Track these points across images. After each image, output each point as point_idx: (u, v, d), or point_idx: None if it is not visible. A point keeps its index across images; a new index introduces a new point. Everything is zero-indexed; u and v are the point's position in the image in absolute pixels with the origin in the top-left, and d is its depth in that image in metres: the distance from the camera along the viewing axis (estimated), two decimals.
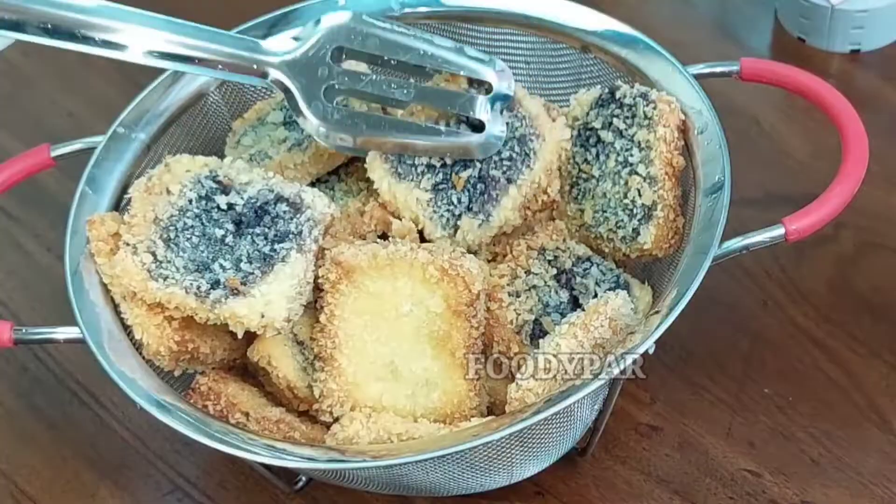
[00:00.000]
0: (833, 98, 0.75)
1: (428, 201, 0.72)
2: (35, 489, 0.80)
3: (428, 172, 0.72)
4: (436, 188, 0.72)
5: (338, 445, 0.68)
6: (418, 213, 0.72)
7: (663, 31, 0.82)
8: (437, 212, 0.72)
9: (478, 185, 0.72)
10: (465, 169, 0.72)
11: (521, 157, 0.73)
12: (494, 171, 0.72)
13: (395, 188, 0.73)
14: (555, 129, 0.74)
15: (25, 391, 0.85)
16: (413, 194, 0.72)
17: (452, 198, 0.72)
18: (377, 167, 0.73)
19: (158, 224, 0.70)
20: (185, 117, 0.83)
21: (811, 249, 0.85)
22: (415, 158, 0.73)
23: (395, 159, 0.73)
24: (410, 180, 0.73)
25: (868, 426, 0.77)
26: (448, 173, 0.72)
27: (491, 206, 0.72)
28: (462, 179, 0.72)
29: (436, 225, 0.72)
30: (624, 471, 0.77)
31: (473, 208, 0.72)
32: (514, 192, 0.72)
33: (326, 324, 0.70)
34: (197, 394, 0.71)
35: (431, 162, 0.73)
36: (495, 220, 0.72)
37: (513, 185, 0.72)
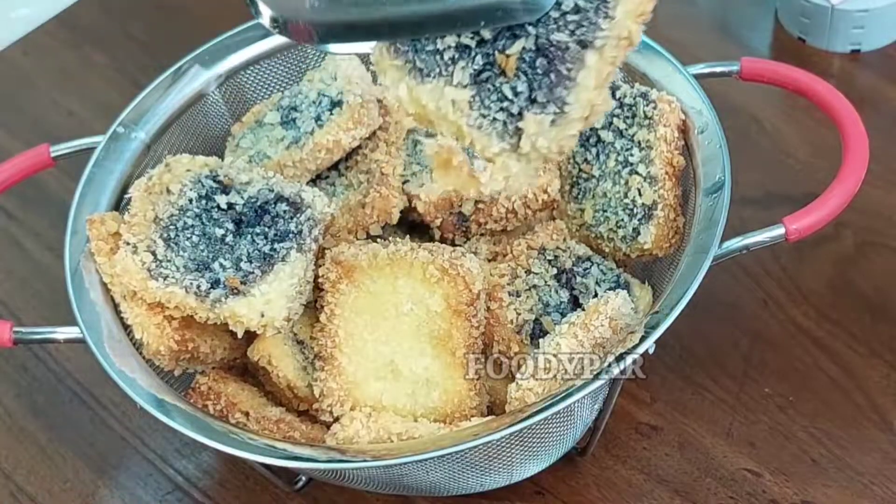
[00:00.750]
0: (833, 98, 0.75)
1: (470, 101, 0.51)
2: (35, 488, 0.80)
3: (461, 58, 0.50)
4: (477, 79, 0.51)
5: (338, 445, 0.68)
6: (459, 122, 0.51)
7: (663, 30, 0.82)
8: (486, 115, 0.51)
9: (537, 61, 0.50)
10: (514, 41, 0.50)
11: (594, 3, 0.50)
12: (557, 34, 0.50)
13: (419, 92, 0.51)
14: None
15: (25, 390, 0.85)
16: (446, 95, 0.51)
17: (504, 89, 0.50)
18: (387, 65, 0.52)
19: (158, 223, 0.70)
20: (185, 117, 0.83)
21: (811, 249, 0.85)
22: (437, 41, 0.50)
23: (409, 49, 0.51)
24: (438, 75, 0.51)
25: (868, 426, 0.77)
26: (490, 53, 0.50)
27: (563, 90, 0.50)
28: (512, 58, 0.50)
29: (489, 134, 0.50)
30: (624, 470, 0.77)
31: (538, 98, 0.50)
32: (595, 60, 0.50)
33: (326, 323, 0.70)
34: (197, 393, 0.71)
35: (462, 41, 0.50)
36: (574, 108, 0.50)
37: (590, 49, 0.50)
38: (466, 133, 0.51)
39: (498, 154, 0.51)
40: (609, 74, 0.50)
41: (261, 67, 0.85)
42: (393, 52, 0.51)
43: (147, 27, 1.08)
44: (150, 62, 0.80)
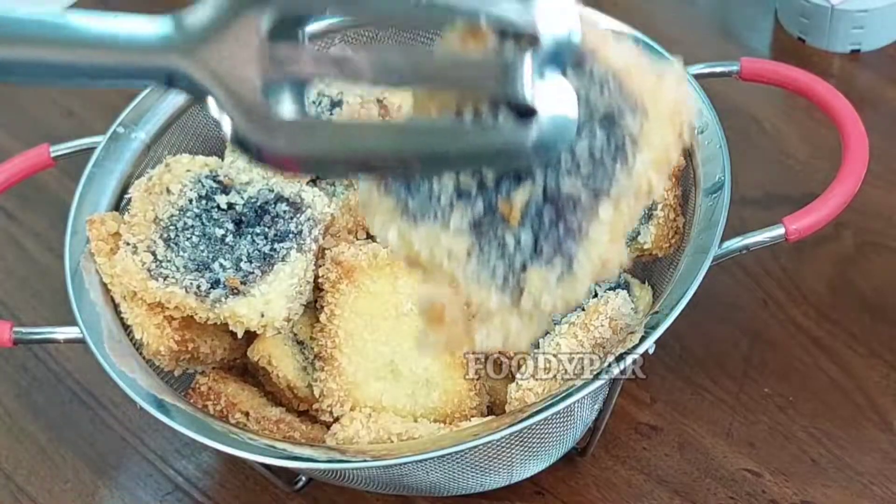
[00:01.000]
0: (833, 98, 0.75)
1: (468, 251, 0.44)
2: (35, 488, 0.80)
3: (459, 202, 0.43)
4: (476, 227, 0.43)
5: (338, 445, 0.68)
6: (455, 272, 0.44)
7: (663, 30, 0.82)
8: (484, 266, 0.44)
9: (545, 211, 0.43)
10: (519, 186, 0.43)
11: (611, 149, 0.43)
12: (568, 181, 0.43)
13: (412, 237, 0.44)
14: (665, 86, 0.43)
15: (25, 391, 0.85)
16: (441, 244, 0.44)
17: (507, 239, 0.43)
18: (375, 206, 0.45)
19: (158, 224, 0.70)
20: (185, 117, 0.83)
21: (811, 249, 0.85)
22: (433, 182, 0.43)
23: (402, 189, 0.44)
24: (433, 220, 0.44)
25: (868, 426, 0.77)
26: (492, 199, 0.43)
27: (572, 244, 0.43)
28: (517, 206, 0.43)
29: (487, 288, 0.44)
30: (624, 471, 0.77)
31: (544, 252, 0.43)
32: (609, 213, 0.43)
33: (326, 323, 0.70)
34: (197, 393, 0.71)
35: (461, 184, 0.43)
36: (584, 265, 0.43)
37: (604, 200, 0.43)
38: (462, 282, 0.44)
39: (496, 310, 0.44)
40: (625, 227, 0.43)
41: None
42: (383, 192, 0.44)
43: None
44: None
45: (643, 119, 0.42)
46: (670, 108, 0.43)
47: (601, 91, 0.42)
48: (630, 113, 0.42)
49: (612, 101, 0.42)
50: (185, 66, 0.42)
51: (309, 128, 0.42)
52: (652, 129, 0.42)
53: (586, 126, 0.42)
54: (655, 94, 0.42)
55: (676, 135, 0.43)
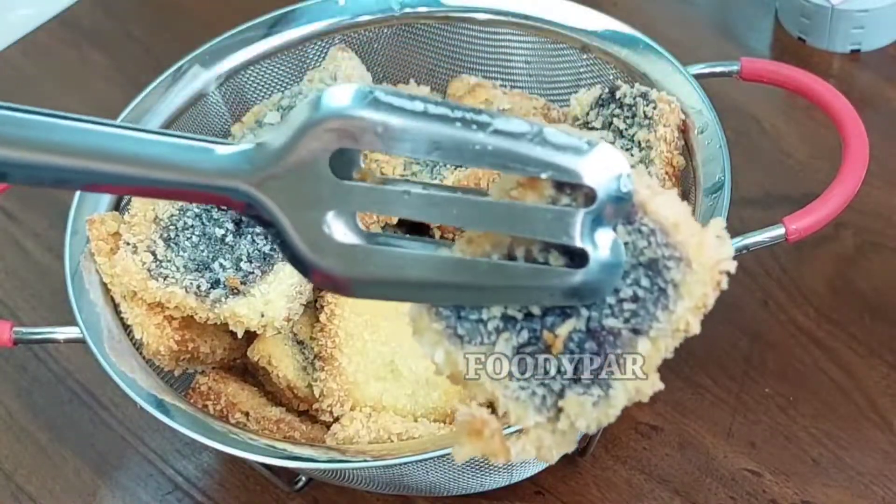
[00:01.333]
0: (833, 98, 0.75)
1: (510, 374, 0.47)
2: (35, 488, 0.80)
3: (505, 329, 0.47)
4: (520, 352, 0.47)
5: (338, 445, 0.68)
6: (496, 391, 0.47)
7: (663, 30, 0.82)
8: (524, 388, 0.47)
9: (586, 344, 0.47)
10: (564, 321, 0.46)
11: (654, 294, 0.46)
12: (611, 319, 0.46)
13: (457, 357, 0.47)
14: (707, 243, 0.47)
15: (25, 391, 0.85)
16: (485, 365, 0.48)
17: (547, 366, 0.47)
18: (425, 327, 0.48)
19: (158, 223, 0.70)
20: (185, 117, 0.83)
21: (812, 249, 0.85)
22: (482, 310, 0.47)
23: (451, 314, 0.47)
24: (479, 344, 0.47)
25: (869, 426, 0.77)
26: (537, 329, 0.47)
27: (609, 374, 0.47)
28: (560, 338, 0.46)
29: (526, 408, 0.47)
30: (624, 470, 0.77)
31: (582, 379, 0.47)
32: (647, 348, 0.46)
33: (326, 323, 0.70)
34: (197, 393, 0.71)
35: (509, 312, 0.46)
36: (619, 393, 0.47)
37: (643, 337, 0.46)
38: (502, 403, 0.47)
39: (533, 427, 0.47)
40: (660, 361, 0.47)
41: (261, 67, 0.85)
42: (434, 315, 0.47)
43: (147, 27, 1.08)
44: (150, 62, 0.80)
45: (687, 270, 0.46)
46: (712, 263, 0.46)
47: (648, 242, 0.46)
48: (675, 263, 0.46)
49: (658, 252, 0.46)
50: (255, 193, 0.44)
51: (365, 253, 0.44)
52: (694, 280, 0.46)
53: (632, 271, 0.46)
54: (699, 248, 0.46)
55: (715, 284, 0.46)
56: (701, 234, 0.46)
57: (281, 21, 0.84)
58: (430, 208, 0.44)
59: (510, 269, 0.45)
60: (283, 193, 0.44)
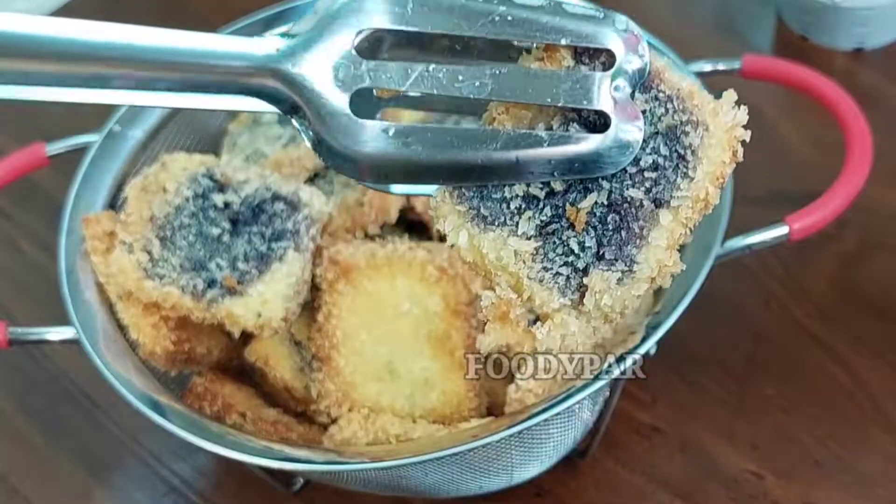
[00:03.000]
0: (836, 96, 0.75)
1: (533, 254, 0.47)
2: (30, 490, 0.79)
3: (528, 208, 0.47)
4: (543, 231, 0.47)
5: (335, 447, 0.67)
6: (520, 273, 0.47)
7: (665, 28, 0.81)
8: (548, 268, 0.47)
9: (608, 217, 0.46)
10: (586, 195, 0.46)
11: (673, 161, 0.47)
12: (632, 190, 0.46)
13: (481, 240, 0.47)
14: (722, 109, 0.48)
15: (20, 391, 0.84)
16: (508, 246, 0.47)
17: (571, 243, 0.46)
18: (448, 210, 0.47)
19: (154, 222, 0.70)
20: (182, 115, 0.82)
21: (814, 248, 0.84)
22: (504, 189, 0.47)
23: (474, 195, 0.47)
24: (502, 224, 0.47)
25: (872, 428, 0.76)
26: (559, 205, 0.47)
27: (633, 248, 0.47)
28: (583, 212, 0.46)
29: (550, 289, 0.47)
30: (625, 473, 0.76)
31: (606, 255, 0.46)
32: (669, 220, 0.47)
33: (324, 323, 0.70)
34: (193, 395, 0.71)
35: (531, 191, 0.47)
36: (643, 268, 0.47)
37: (665, 208, 0.47)
38: (526, 286, 0.47)
39: (558, 310, 0.47)
40: (682, 236, 0.47)
41: None
42: (457, 198, 0.47)
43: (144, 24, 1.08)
44: None
45: (704, 134, 0.47)
46: (728, 126, 0.47)
47: (665, 109, 0.46)
48: (692, 128, 0.46)
49: (676, 118, 0.46)
50: (284, 74, 0.45)
51: (395, 130, 0.45)
52: (711, 144, 0.47)
53: (651, 140, 0.46)
54: (715, 112, 0.47)
55: (731, 152, 0.47)
56: (716, 102, 0.47)
57: (278, 18, 0.83)
58: (454, 82, 0.45)
59: (534, 137, 0.45)
60: (311, 75, 0.45)
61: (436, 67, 0.45)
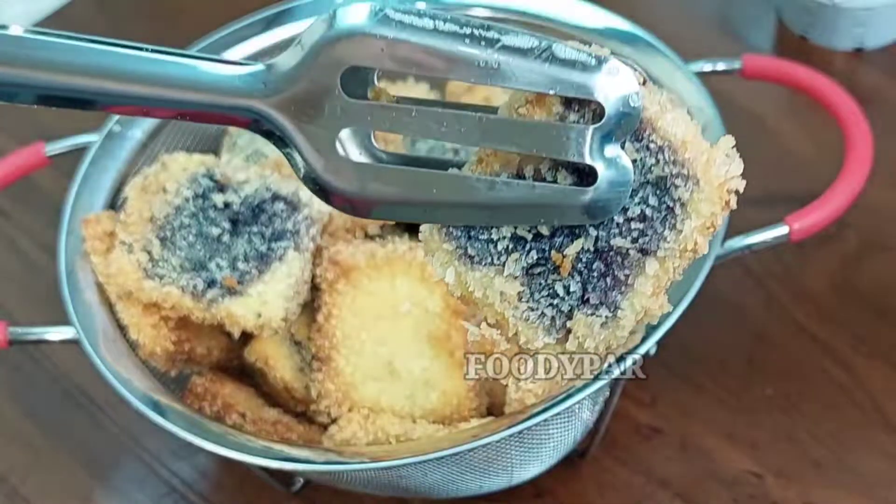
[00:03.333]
0: (836, 96, 0.75)
1: (519, 294, 0.47)
2: (30, 491, 0.79)
3: (514, 250, 0.47)
4: (529, 273, 0.47)
5: (335, 447, 0.67)
6: (506, 313, 0.48)
7: (665, 28, 0.81)
8: (534, 309, 0.48)
9: (594, 264, 0.47)
10: (572, 241, 0.46)
11: (661, 213, 0.46)
12: (619, 239, 0.46)
13: (468, 277, 0.48)
14: (714, 160, 0.47)
15: (20, 392, 0.84)
16: (495, 285, 0.47)
17: (556, 286, 0.47)
18: (436, 247, 0.48)
19: (154, 223, 0.70)
20: None
21: (814, 249, 0.84)
22: (492, 230, 0.47)
23: (462, 234, 0.48)
24: (489, 264, 0.47)
25: (872, 428, 0.76)
26: (545, 249, 0.47)
27: (618, 294, 0.47)
28: (569, 258, 0.46)
29: (535, 329, 0.48)
30: (625, 473, 0.76)
31: (591, 300, 0.47)
32: (655, 269, 0.47)
33: (324, 323, 0.70)
34: (193, 395, 0.71)
35: (518, 233, 0.47)
36: (627, 314, 0.47)
37: (650, 257, 0.46)
38: (511, 325, 0.48)
39: (542, 349, 0.48)
40: (668, 282, 0.47)
41: None
42: (445, 236, 0.48)
43: (142, 24, 1.08)
44: None
45: (695, 188, 0.46)
46: (720, 180, 0.46)
47: (656, 160, 0.45)
48: (682, 181, 0.46)
49: (666, 170, 0.46)
50: (269, 112, 0.45)
51: (380, 172, 0.46)
52: (702, 198, 0.46)
53: (640, 189, 0.46)
54: (708, 166, 0.46)
55: (724, 203, 0.47)
56: (710, 152, 0.46)
57: (277, 18, 0.83)
58: (438, 126, 0.45)
59: (521, 186, 0.45)
60: (297, 112, 0.45)
61: (420, 111, 0.45)
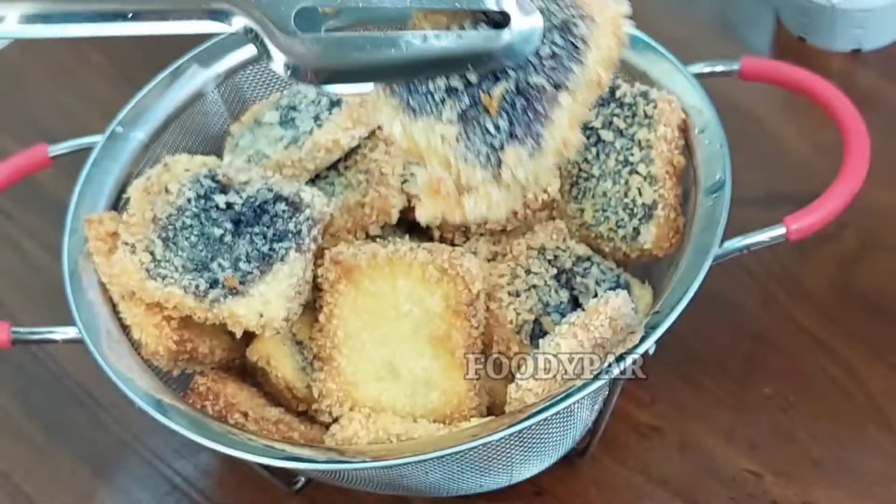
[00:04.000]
0: (834, 97, 0.75)
1: (457, 136, 0.56)
2: (33, 489, 0.80)
3: (449, 98, 0.56)
4: (463, 117, 0.56)
5: (337, 446, 0.67)
6: (447, 154, 0.57)
7: (664, 29, 0.81)
8: (470, 148, 0.56)
9: (517, 101, 0.56)
10: (497, 83, 0.56)
11: (568, 50, 0.56)
12: (535, 77, 0.56)
13: (412, 128, 0.57)
14: (606, 2, 0.57)
15: (23, 391, 0.85)
16: (436, 131, 0.56)
17: (487, 125, 0.56)
18: (383, 104, 0.57)
19: (157, 223, 0.70)
20: (184, 116, 0.83)
21: (813, 249, 0.85)
22: (429, 83, 0.56)
23: (404, 90, 0.56)
24: (429, 113, 0.57)
25: (870, 427, 0.77)
26: (476, 94, 0.56)
27: (540, 126, 0.56)
28: (495, 99, 0.56)
29: (473, 165, 0.56)
30: (624, 472, 0.76)
31: (517, 133, 0.56)
32: (568, 101, 0.56)
33: (325, 323, 0.70)
34: (195, 394, 0.71)
35: (451, 84, 0.56)
36: (549, 142, 0.56)
37: (563, 91, 0.56)
38: (453, 164, 0.57)
39: (481, 183, 0.57)
40: (582, 114, 0.57)
41: (259, 67, 0.84)
42: (389, 93, 0.56)
43: None
44: (149, 62, 0.80)
45: (592, 24, 0.56)
46: (611, 17, 0.57)
47: (558, 5, 0.56)
48: (581, 21, 0.56)
49: (567, 12, 0.56)
50: (233, 7, 0.54)
51: (331, 41, 0.55)
52: (598, 33, 0.56)
53: (548, 33, 0.56)
54: (601, 6, 0.56)
55: (618, 39, 0.57)
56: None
57: None
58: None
59: (448, 36, 0.55)
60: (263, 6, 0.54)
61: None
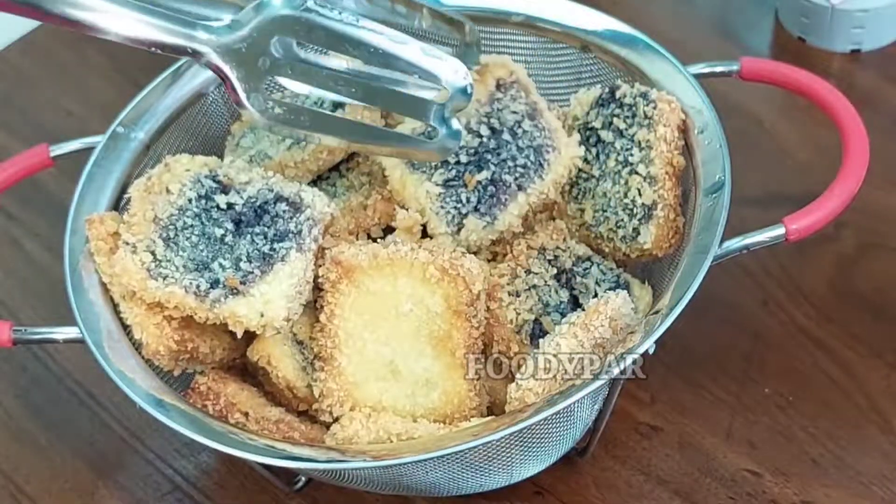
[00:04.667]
0: (833, 98, 0.75)
1: (437, 196, 0.72)
2: (34, 489, 0.80)
3: (441, 167, 0.72)
4: (447, 184, 0.72)
5: (337, 445, 0.68)
6: (426, 206, 0.72)
7: (663, 30, 0.82)
8: (444, 207, 0.72)
9: (489, 187, 0.72)
10: (480, 170, 0.72)
11: (535, 166, 0.73)
12: (507, 176, 0.72)
13: (407, 179, 0.72)
14: (570, 144, 0.75)
15: (24, 391, 0.85)
16: (423, 187, 0.72)
17: (461, 196, 0.72)
18: None
19: (158, 223, 0.70)
20: (185, 117, 0.83)
21: (812, 249, 0.85)
22: None
23: None
24: (423, 172, 0.72)
25: (869, 426, 0.77)
26: (461, 171, 0.72)
27: (498, 210, 0.72)
28: (474, 180, 0.72)
29: (441, 220, 0.72)
30: (624, 471, 0.77)
31: (481, 209, 0.72)
32: (523, 200, 0.72)
33: (326, 323, 0.70)
34: (196, 393, 0.71)
35: (448, 159, 0.72)
36: (500, 223, 0.72)
37: (522, 192, 0.72)
38: (428, 214, 0.72)
39: (441, 234, 0.72)
40: (528, 211, 0.73)
41: None
42: None
43: None
44: (150, 62, 0.80)
45: (556, 155, 0.74)
46: (570, 155, 0.75)
47: (539, 133, 0.74)
48: (552, 150, 0.74)
49: (543, 141, 0.74)
50: (210, 61, 0.66)
51: (286, 112, 0.68)
52: (558, 163, 0.74)
53: (526, 149, 0.74)
54: (565, 145, 0.75)
55: (569, 172, 0.75)
56: (567, 138, 0.75)
57: None
58: (335, 84, 0.68)
59: (384, 133, 0.73)
60: (235, 64, 0.66)
61: (327, 73, 0.68)
